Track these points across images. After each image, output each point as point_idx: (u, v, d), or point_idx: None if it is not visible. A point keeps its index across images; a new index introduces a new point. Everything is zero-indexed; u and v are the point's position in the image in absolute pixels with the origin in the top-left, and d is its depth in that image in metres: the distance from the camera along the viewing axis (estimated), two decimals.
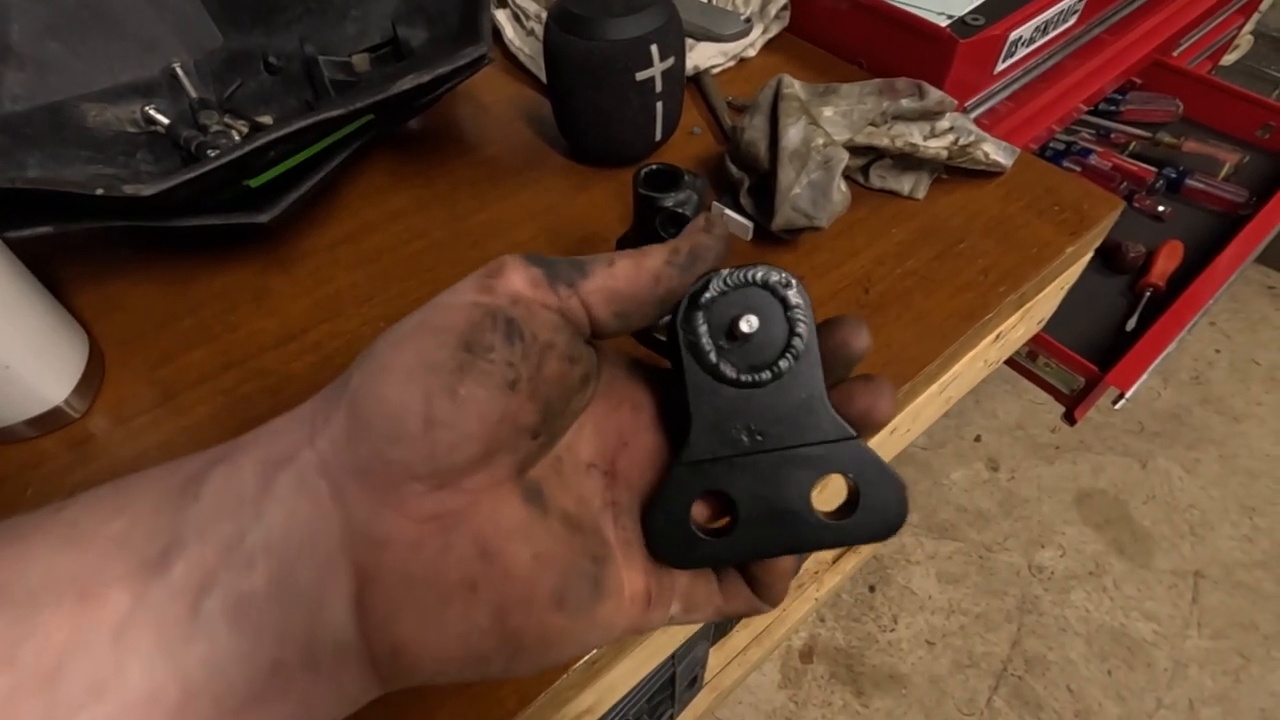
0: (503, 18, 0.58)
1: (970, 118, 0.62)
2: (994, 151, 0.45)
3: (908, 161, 0.45)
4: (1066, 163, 0.93)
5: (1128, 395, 0.67)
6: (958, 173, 0.47)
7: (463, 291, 0.16)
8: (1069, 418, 0.74)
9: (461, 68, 0.38)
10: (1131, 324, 0.77)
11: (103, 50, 0.42)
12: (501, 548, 0.16)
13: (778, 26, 0.58)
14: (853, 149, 0.43)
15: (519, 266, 0.17)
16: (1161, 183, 0.90)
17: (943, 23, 0.51)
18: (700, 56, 0.54)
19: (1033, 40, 0.59)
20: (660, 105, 0.44)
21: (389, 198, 0.47)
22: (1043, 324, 0.53)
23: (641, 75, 0.42)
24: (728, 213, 0.43)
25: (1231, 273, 0.76)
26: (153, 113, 0.42)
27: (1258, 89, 1.55)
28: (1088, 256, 0.48)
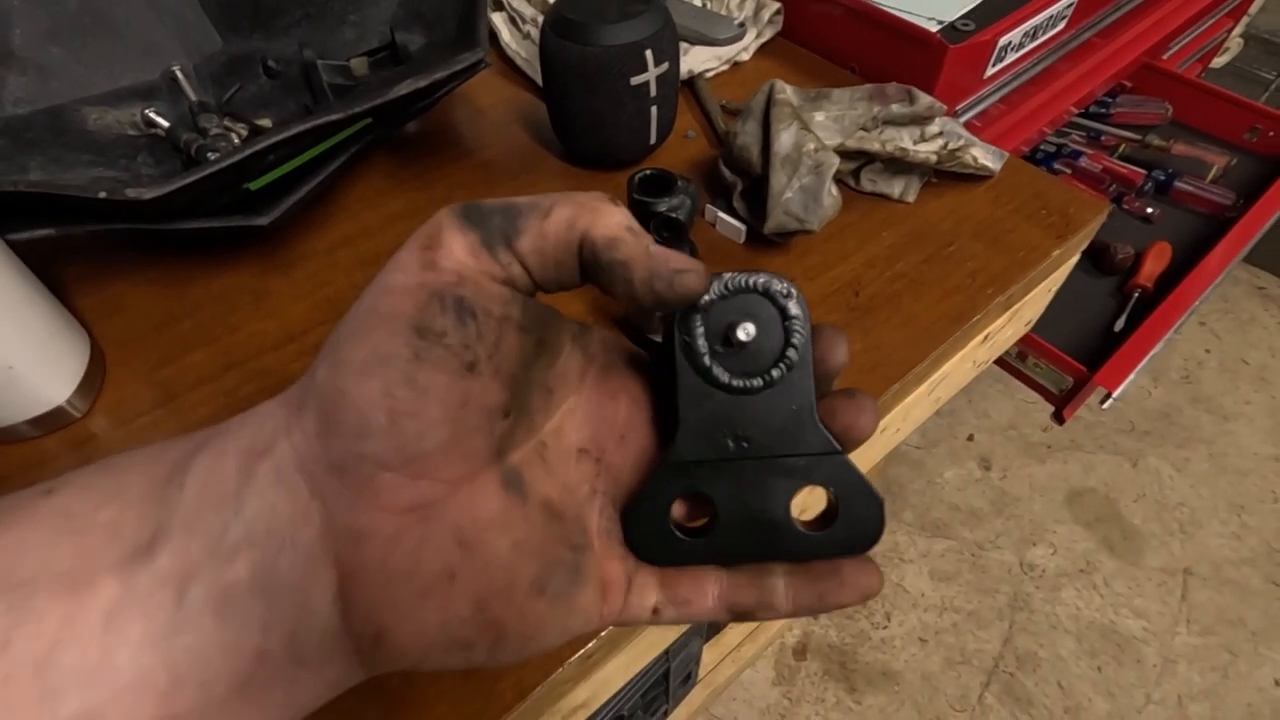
0: (499, 21, 0.59)
1: (961, 121, 0.62)
2: (982, 156, 0.46)
3: (898, 165, 0.46)
4: (1057, 165, 0.94)
5: (1115, 395, 0.68)
6: (947, 176, 0.47)
7: (406, 269, 0.16)
8: (1058, 417, 0.75)
9: (458, 73, 0.39)
10: (1120, 325, 0.78)
11: (103, 54, 0.42)
12: (479, 537, 0.17)
13: (771, 31, 0.59)
14: (844, 153, 0.44)
15: (455, 232, 0.16)
16: (1150, 185, 0.91)
17: (933, 28, 0.52)
18: (694, 61, 0.55)
19: (1022, 45, 0.59)
20: (655, 109, 0.45)
21: (387, 201, 0.47)
22: (1031, 325, 0.54)
23: (636, 80, 0.42)
24: (721, 215, 0.44)
25: (1218, 274, 0.77)
26: (153, 116, 0.43)
27: (1248, 91, 1.57)
28: (1074, 259, 0.49)
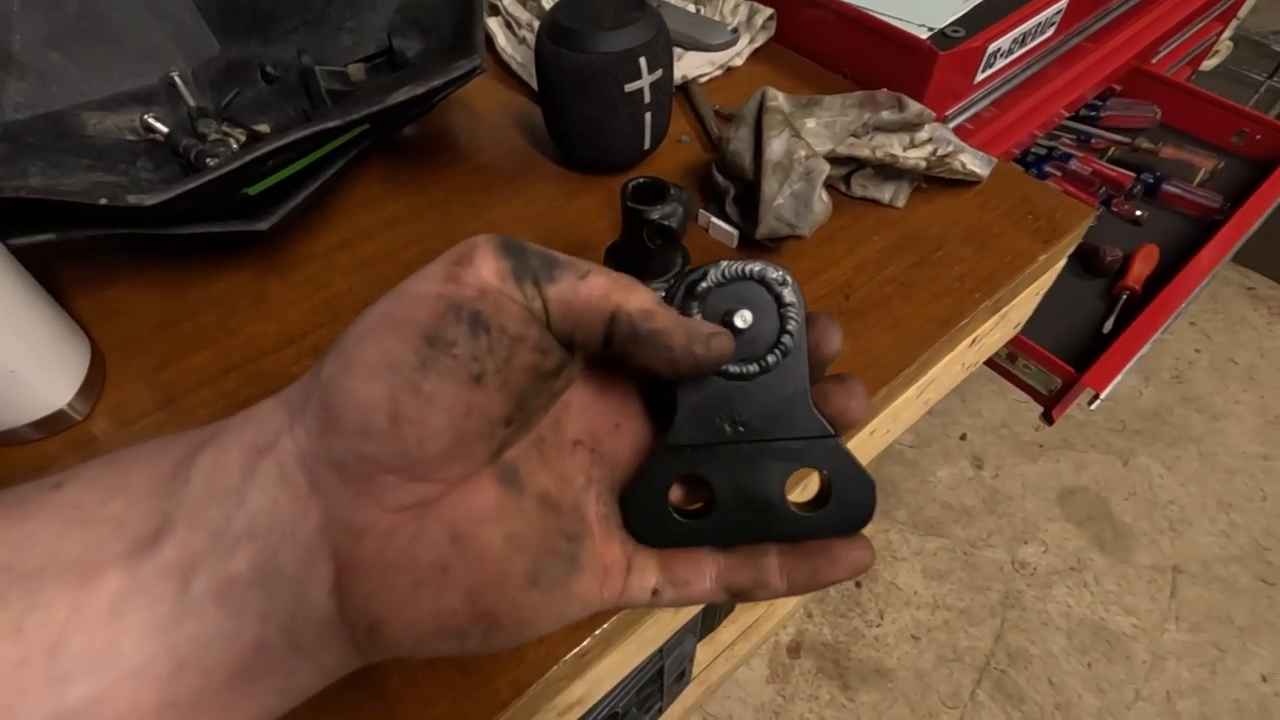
0: (495, 26, 0.59)
1: (952, 126, 0.63)
2: (971, 161, 0.47)
3: (888, 171, 0.47)
4: (1048, 167, 0.95)
5: (1102, 396, 0.69)
6: (936, 182, 0.48)
7: (430, 279, 0.16)
8: (1047, 418, 0.76)
9: (455, 79, 0.39)
10: (1108, 326, 0.79)
11: (103, 60, 0.43)
12: (473, 531, 0.17)
13: (764, 37, 0.60)
14: (835, 159, 0.44)
15: (489, 256, 0.16)
16: (1139, 188, 0.92)
17: (924, 35, 0.53)
18: (688, 66, 0.55)
19: (1011, 51, 0.60)
20: (649, 115, 0.45)
21: (384, 205, 0.48)
22: (1019, 328, 0.55)
23: (630, 87, 0.43)
24: (714, 220, 0.45)
25: (1205, 276, 0.78)
26: (152, 121, 0.43)
27: (1240, 92, 1.58)
28: (1061, 263, 0.50)
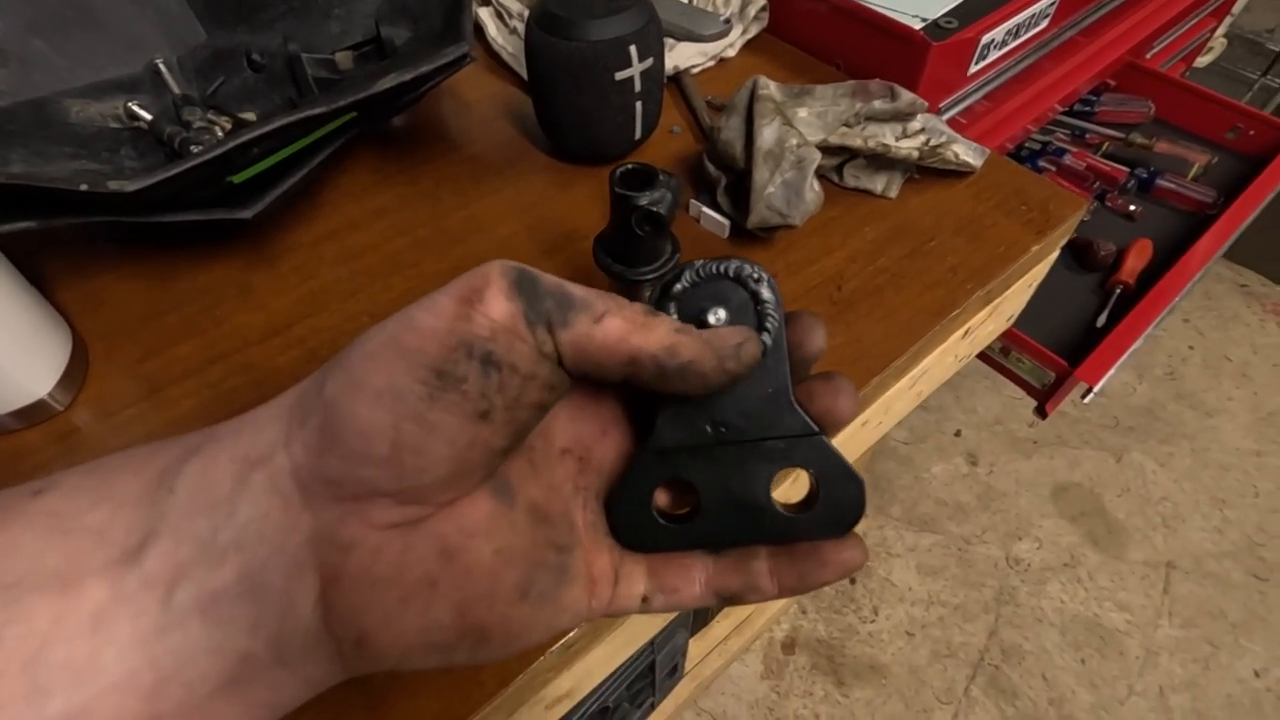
0: (485, 15, 0.59)
1: (945, 118, 0.63)
2: (964, 152, 0.46)
3: (880, 161, 0.46)
4: (1042, 162, 0.95)
5: (1095, 390, 0.69)
6: (929, 173, 0.48)
7: (441, 311, 0.16)
8: (1040, 411, 0.76)
9: (444, 66, 0.39)
10: (1102, 320, 0.79)
11: (86, 46, 0.42)
12: (463, 545, 0.17)
13: (757, 27, 0.59)
14: (827, 149, 0.44)
15: (501, 296, 0.16)
16: (1133, 183, 0.92)
17: (917, 26, 0.53)
18: (680, 56, 0.55)
19: (1005, 43, 0.60)
20: (640, 105, 0.45)
21: (372, 195, 0.47)
22: (1012, 320, 0.55)
23: (621, 75, 0.43)
24: (705, 210, 0.44)
25: (1198, 271, 0.78)
26: (136, 109, 0.43)
27: (1234, 90, 1.59)
28: (1054, 255, 0.49)
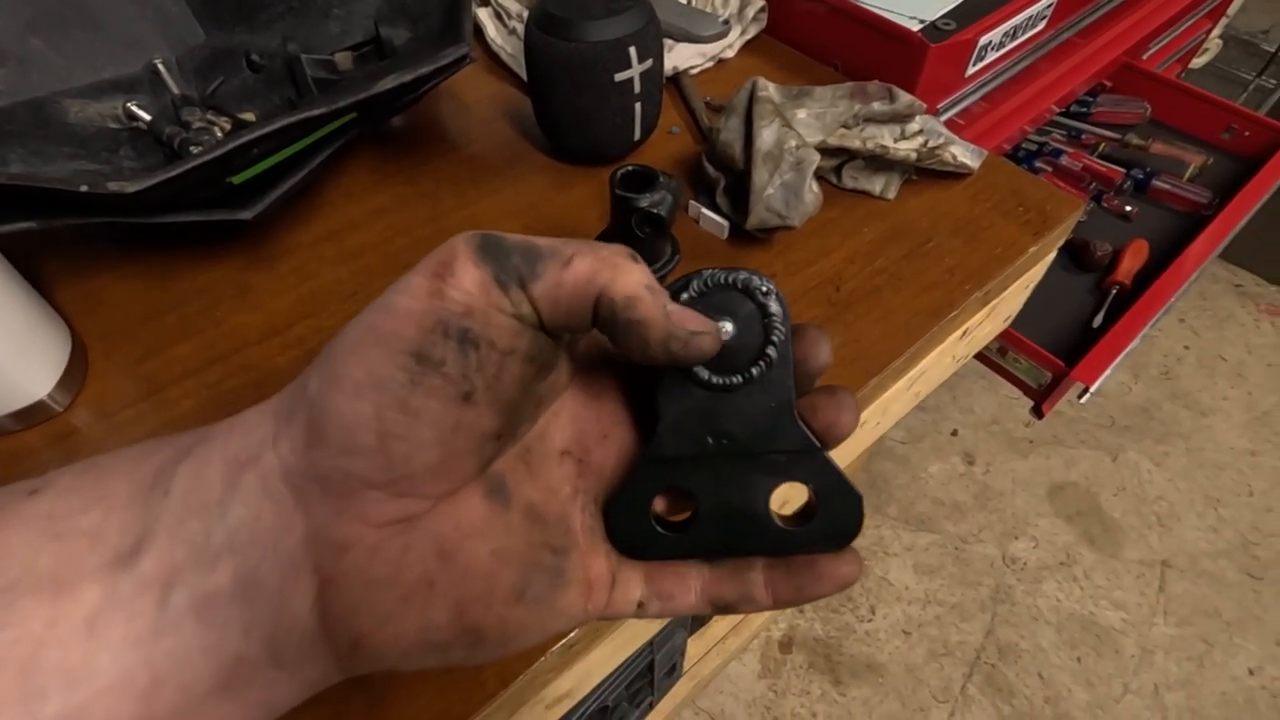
0: (484, 16, 0.59)
1: (943, 119, 0.63)
2: (961, 153, 0.47)
3: (879, 163, 0.47)
4: (1039, 163, 0.95)
5: (1092, 390, 0.70)
6: (927, 174, 0.48)
7: (413, 293, 0.15)
8: (1037, 411, 0.76)
9: (443, 67, 0.39)
10: (1098, 321, 0.79)
11: (85, 46, 0.42)
12: (459, 546, 0.17)
13: (755, 28, 0.59)
14: (825, 150, 0.44)
15: (470, 264, 0.15)
16: (1129, 183, 0.93)
17: (915, 27, 0.53)
18: (679, 57, 0.55)
19: (1002, 45, 0.60)
20: (639, 106, 0.45)
21: (372, 195, 0.47)
22: (1009, 321, 0.55)
23: (620, 76, 0.43)
24: (704, 211, 0.44)
25: (1194, 271, 0.79)
26: (135, 109, 0.43)
27: (1229, 91, 1.59)
28: (1051, 255, 0.50)
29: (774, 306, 0.18)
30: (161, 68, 0.44)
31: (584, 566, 0.19)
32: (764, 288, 0.18)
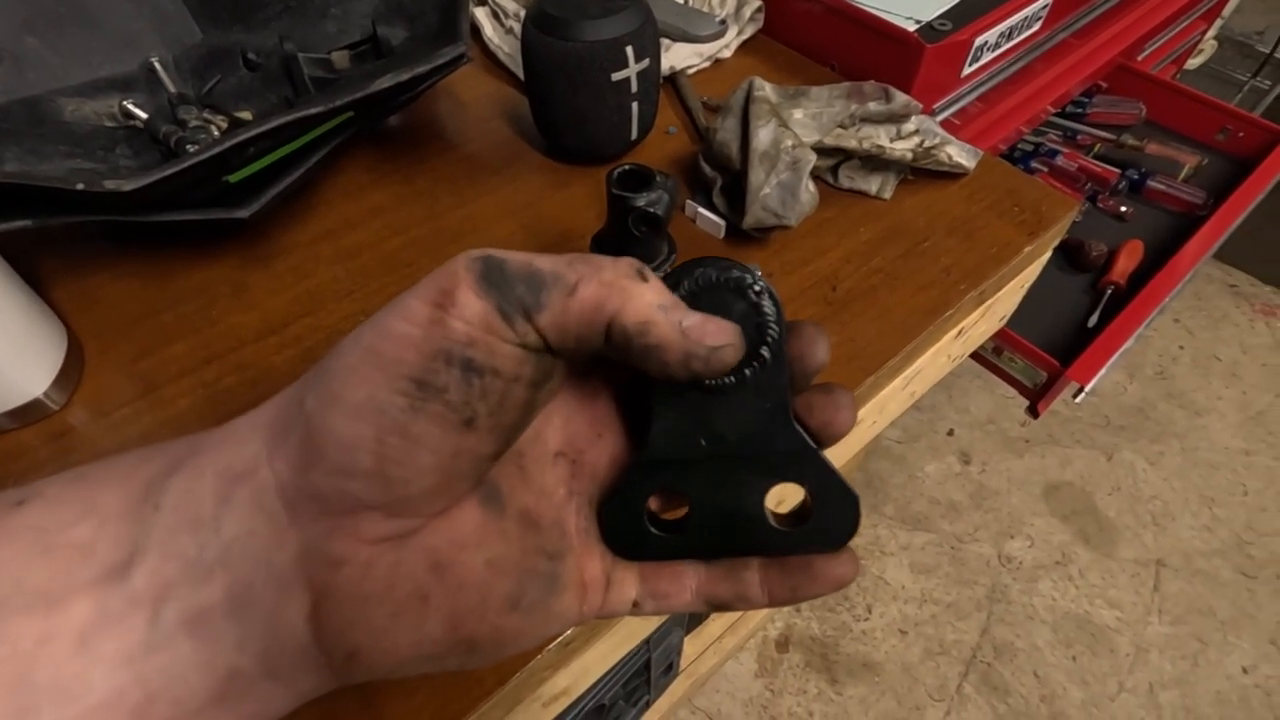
0: (481, 15, 0.59)
1: (939, 120, 0.63)
2: (957, 154, 0.47)
3: (875, 163, 0.47)
4: (1034, 163, 0.96)
5: (1087, 389, 0.70)
6: (923, 174, 0.48)
7: (414, 319, 0.15)
8: (1032, 411, 0.77)
9: (440, 66, 0.39)
10: (1093, 320, 0.79)
11: (80, 45, 0.42)
12: (454, 559, 0.17)
13: (752, 28, 0.59)
14: (822, 150, 0.44)
15: (471, 294, 0.15)
16: (1124, 184, 0.93)
17: (911, 28, 0.53)
18: (676, 57, 0.55)
19: (998, 45, 0.60)
20: (636, 105, 0.45)
21: (368, 194, 0.47)
22: (1005, 320, 0.55)
23: (617, 76, 0.43)
24: (701, 211, 0.44)
25: (1188, 271, 0.79)
26: (131, 108, 0.43)
27: (1224, 92, 1.60)
28: (1046, 255, 0.50)
29: (767, 306, 0.18)
30: (158, 66, 0.44)
31: (578, 569, 0.19)
32: (757, 287, 0.18)
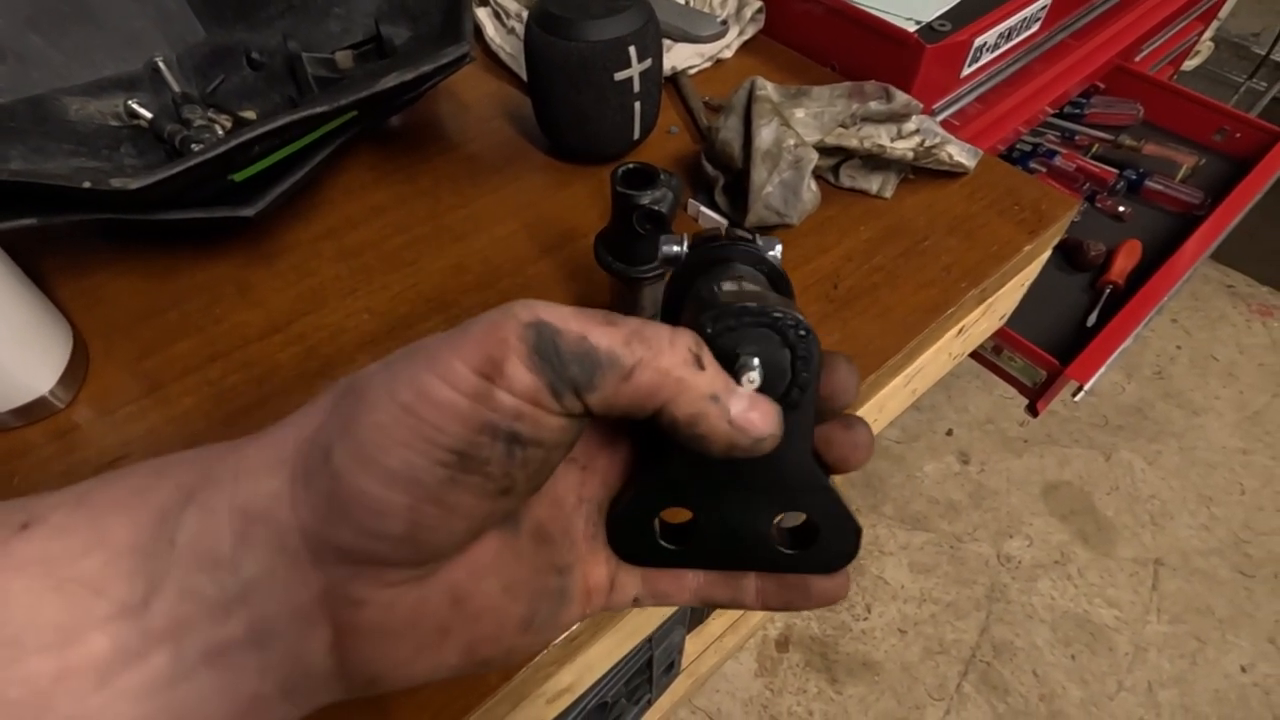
0: (484, 16, 0.59)
1: (938, 120, 0.64)
2: (957, 153, 0.47)
3: (876, 162, 0.47)
4: (1033, 164, 0.96)
5: (1086, 387, 0.70)
6: (923, 173, 0.49)
7: (458, 382, 0.14)
8: (1031, 409, 0.77)
9: (443, 66, 0.39)
10: (1092, 319, 0.80)
11: (84, 44, 0.42)
12: (473, 590, 0.17)
13: (753, 29, 0.60)
14: (823, 149, 0.45)
15: (522, 368, 0.14)
16: (1122, 184, 0.93)
17: (911, 28, 0.53)
18: (677, 58, 0.55)
19: (997, 46, 0.61)
20: (638, 105, 0.45)
21: (371, 193, 0.47)
22: (1005, 319, 0.56)
23: (620, 75, 0.43)
24: (703, 209, 0.45)
25: (1186, 270, 0.79)
26: (135, 107, 0.43)
27: (1220, 94, 1.60)
28: (1046, 254, 0.50)
29: (804, 350, 0.17)
30: (162, 66, 0.44)
31: (584, 577, 0.20)
32: (801, 330, 0.17)
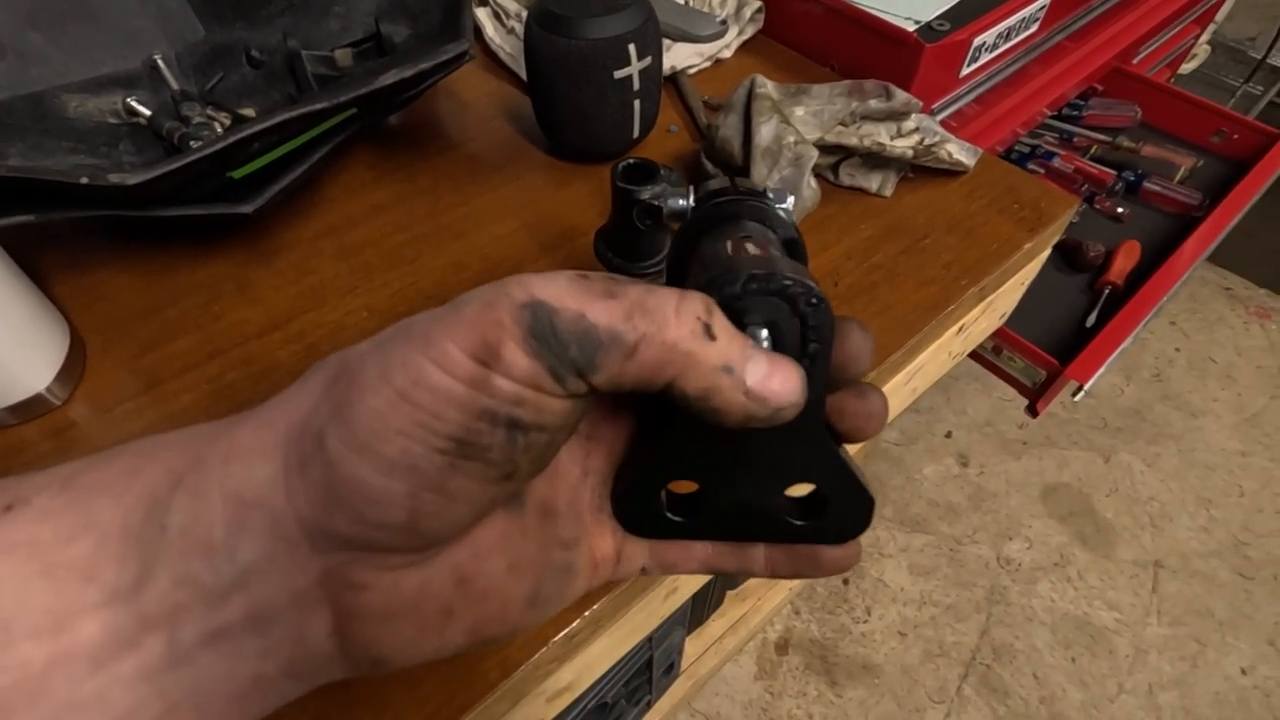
0: (483, 15, 0.59)
1: (937, 119, 0.64)
2: (957, 151, 0.47)
3: (876, 160, 0.47)
4: (1031, 165, 0.96)
5: (1086, 387, 0.70)
6: (923, 171, 0.49)
7: (454, 367, 0.14)
8: (1031, 410, 0.77)
9: (443, 64, 0.39)
10: (1091, 320, 0.80)
11: (83, 41, 0.42)
12: (478, 570, 0.17)
13: (752, 29, 0.60)
14: (823, 147, 0.45)
15: (519, 352, 0.14)
16: (1121, 185, 0.94)
17: (910, 28, 0.53)
18: (677, 57, 0.56)
19: (996, 46, 0.61)
20: (638, 103, 0.45)
21: (371, 191, 0.47)
22: (1004, 318, 0.56)
23: (619, 74, 0.43)
24: None
25: (1185, 271, 0.79)
26: (134, 104, 0.43)
27: (1217, 97, 1.60)
28: (1046, 253, 0.50)
29: (814, 319, 0.17)
30: (161, 63, 0.44)
31: (591, 550, 0.20)
32: (810, 299, 0.16)
